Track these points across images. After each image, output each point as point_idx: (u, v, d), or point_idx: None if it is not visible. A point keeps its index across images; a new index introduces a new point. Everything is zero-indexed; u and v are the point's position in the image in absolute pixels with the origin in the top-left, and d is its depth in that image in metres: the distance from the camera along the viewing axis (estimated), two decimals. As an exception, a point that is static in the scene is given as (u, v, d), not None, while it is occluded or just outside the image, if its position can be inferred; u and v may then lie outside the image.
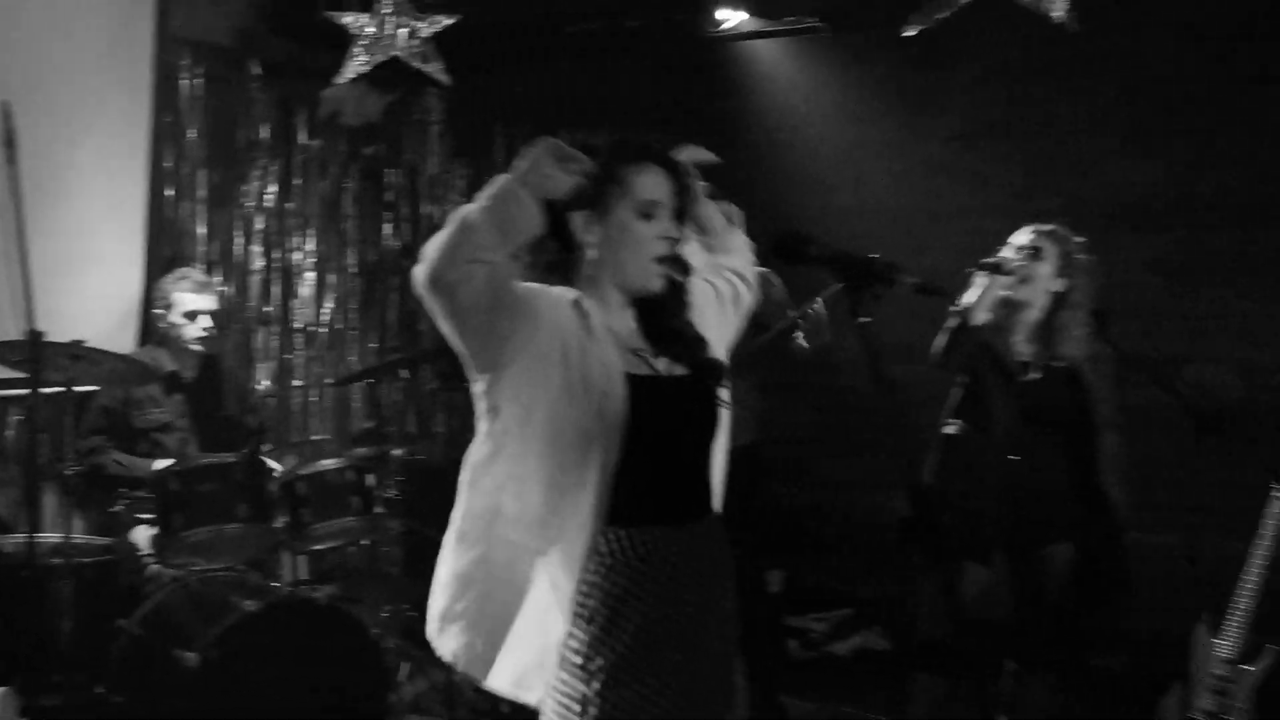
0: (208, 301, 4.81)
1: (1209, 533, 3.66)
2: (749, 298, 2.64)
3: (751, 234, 2.76)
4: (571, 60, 6.63)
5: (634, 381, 2.27)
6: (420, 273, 2.15)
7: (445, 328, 2.19)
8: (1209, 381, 5.51)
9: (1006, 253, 4.01)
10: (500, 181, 2.20)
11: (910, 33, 4.33)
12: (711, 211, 2.58)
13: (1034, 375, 3.96)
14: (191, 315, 4.77)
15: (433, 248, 2.14)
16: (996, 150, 6.22)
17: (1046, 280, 3.98)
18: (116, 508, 4.41)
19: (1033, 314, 4.01)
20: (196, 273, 4.93)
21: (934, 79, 6.41)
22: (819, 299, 4.30)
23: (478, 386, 2.29)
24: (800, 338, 4.48)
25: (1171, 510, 5.46)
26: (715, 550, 2.40)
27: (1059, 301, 3.99)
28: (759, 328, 4.66)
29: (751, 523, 4.66)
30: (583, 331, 2.26)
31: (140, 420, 4.73)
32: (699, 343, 2.42)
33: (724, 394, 2.43)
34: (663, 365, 2.36)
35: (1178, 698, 3.88)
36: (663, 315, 2.39)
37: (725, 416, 2.44)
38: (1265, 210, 5.46)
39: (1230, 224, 5.55)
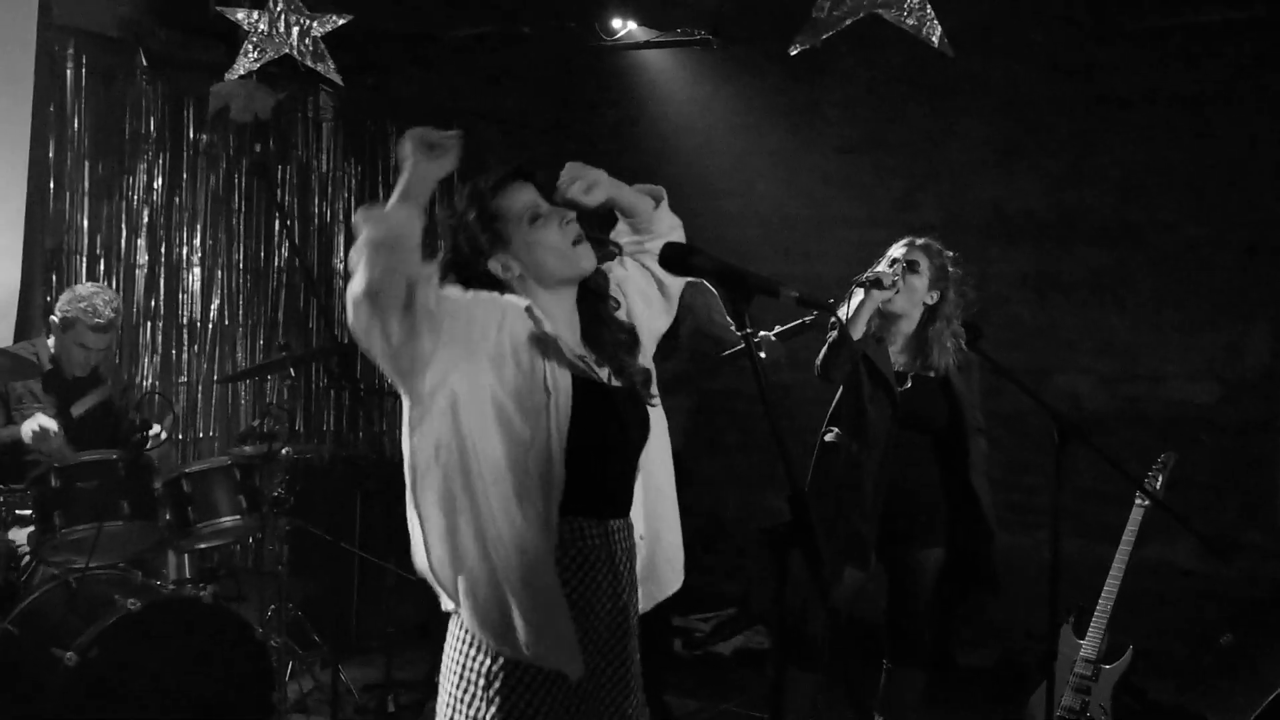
0: (104, 341, 4.69)
1: (1073, 538, 3.80)
2: (678, 283, 2.64)
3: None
4: (464, 64, 6.62)
5: (579, 387, 2.33)
6: (357, 286, 2.12)
7: (384, 344, 2.15)
8: (1075, 392, 5.71)
9: (883, 265, 4.08)
10: (370, 213, 2.17)
11: (795, 51, 4.40)
12: (631, 194, 2.58)
13: (908, 385, 4.04)
14: (85, 350, 4.67)
15: (349, 295, 2.14)
16: (879, 163, 6.36)
17: (921, 293, 4.05)
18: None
19: (907, 325, 4.09)
20: (105, 306, 4.65)
21: (819, 93, 6.53)
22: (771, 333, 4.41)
23: (417, 403, 2.25)
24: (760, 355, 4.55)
25: (1037, 515, 5.67)
26: (629, 548, 2.47)
27: (931, 314, 4.07)
28: (708, 339, 4.71)
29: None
30: (535, 336, 2.31)
31: (21, 417, 4.61)
32: (633, 346, 2.49)
33: (656, 401, 2.50)
34: (605, 374, 2.43)
35: (1043, 694, 4.00)
36: (602, 322, 2.46)
37: (660, 426, 2.52)
38: (1129, 228, 5.68)
39: (1097, 240, 5.75)
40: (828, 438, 4.14)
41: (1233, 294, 5.44)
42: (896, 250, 4.11)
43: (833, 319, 3.96)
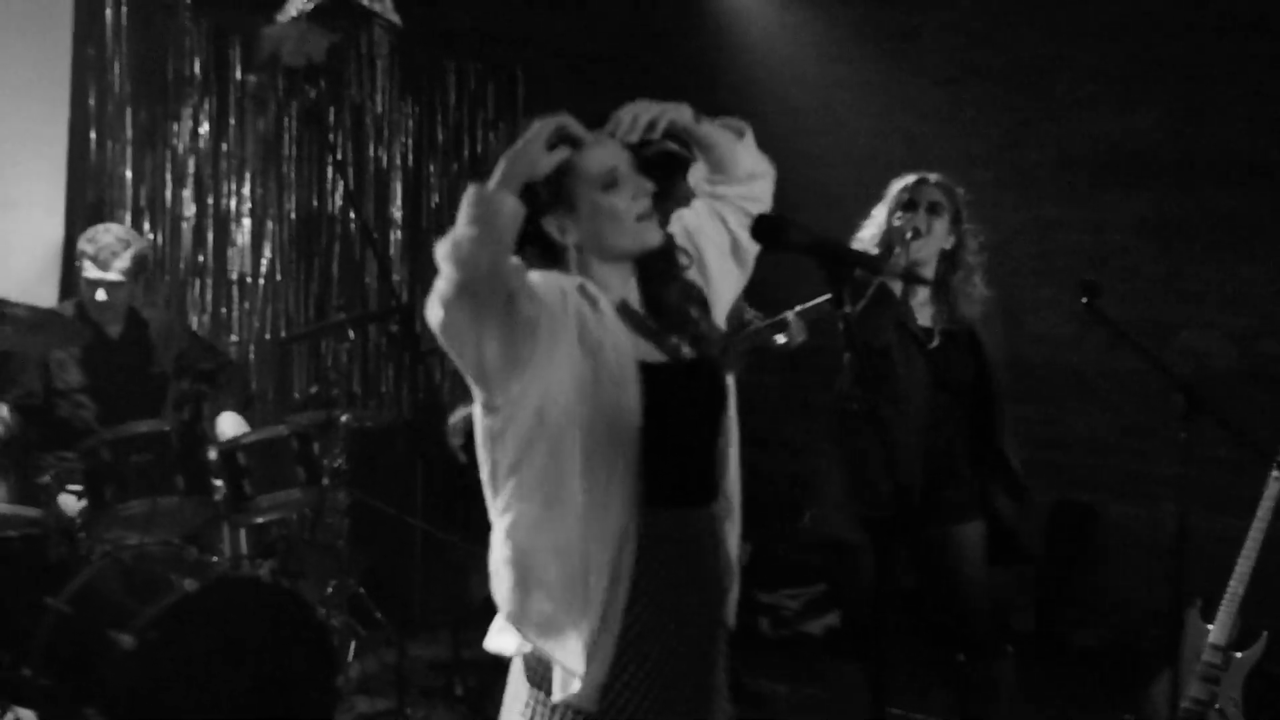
0: (107, 274, 4.62)
1: (1198, 510, 3.70)
2: (754, 245, 2.53)
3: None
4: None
5: (647, 371, 2.29)
6: (435, 315, 2.12)
7: (476, 352, 2.14)
8: (1201, 349, 5.59)
9: (883, 209, 3.91)
10: (477, 195, 2.14)
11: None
12: (708, 126, 2.47)
13: (936, 342, 3.87)
14: (91, 285, 4.65)
15: (436, 296, 2.12)
16: (982, 96, 6.24)
17: (941, 239, 3.88)
18: (44, 478, 4.38)
19: (928, 276, 3.89)
20: (109, 235, 4.65)
21: (916, 18, 6.42)
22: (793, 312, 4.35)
23: (496, 412, 2.23)
24: (779, 339, 4.49)
25: (1157, 484, 5.58)
26: (721, 531, 2.45)
27: (951, 261, 3.89)
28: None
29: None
30: (594, 317, 2.27)
31: (60, 381, 4.68)
32: (702, 313, 2.45)
33: (729, 373, 2.46)
34: (673, 345, 2.38)
35: (1167, 683, 3.95)
36: (666, 285, 2.41)
37: (732, 398, 2.47)
38: (1263, 167, 5.52)
39: (1227, 181, 5.60)
40: (854, 407, 3.90)
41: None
42: (903, 191, 3.91)
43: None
